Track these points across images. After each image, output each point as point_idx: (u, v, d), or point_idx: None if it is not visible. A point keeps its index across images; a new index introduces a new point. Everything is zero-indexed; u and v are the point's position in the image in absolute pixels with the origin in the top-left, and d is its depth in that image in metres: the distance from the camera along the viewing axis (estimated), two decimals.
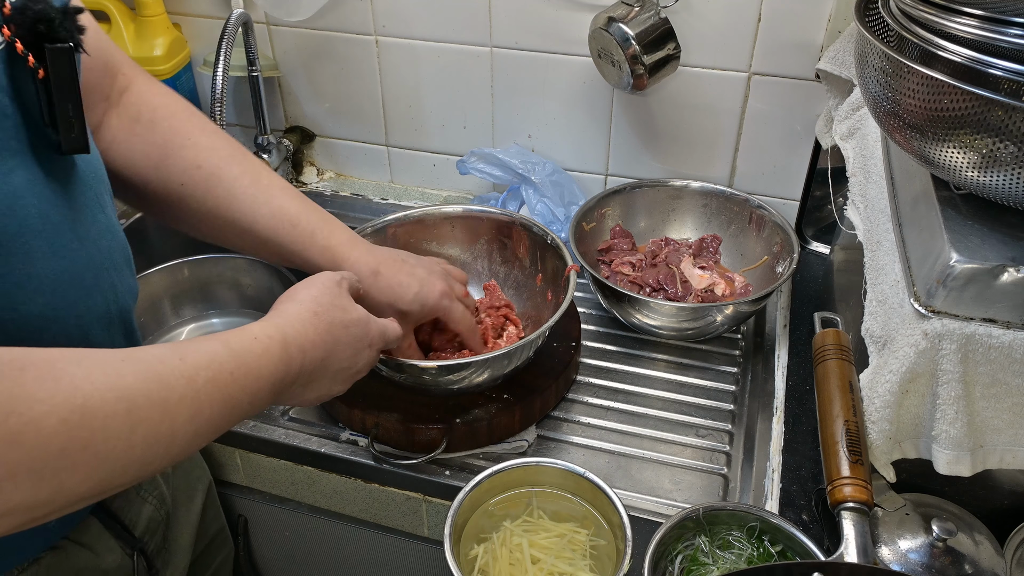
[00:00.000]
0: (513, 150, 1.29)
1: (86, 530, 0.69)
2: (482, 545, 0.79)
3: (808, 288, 1.18)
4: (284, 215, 0.79)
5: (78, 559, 0.68)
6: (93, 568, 0.69)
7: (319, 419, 0.98)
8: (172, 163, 0.75)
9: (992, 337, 0.66)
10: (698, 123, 1.21)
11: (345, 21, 1.27)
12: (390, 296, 0.83)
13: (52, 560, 0.66)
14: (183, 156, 0.75)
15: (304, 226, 0.80)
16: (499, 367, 0.89)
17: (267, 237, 0.79)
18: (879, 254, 0.80)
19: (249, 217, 0.78)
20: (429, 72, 1.29)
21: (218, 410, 0.55)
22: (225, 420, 0.57)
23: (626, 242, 1.18)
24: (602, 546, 0.79)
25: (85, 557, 0.68)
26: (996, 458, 0.72)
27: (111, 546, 0.71)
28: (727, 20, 1.10)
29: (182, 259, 1.17)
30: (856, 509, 0.72)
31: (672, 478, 0.91)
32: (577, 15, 1.15)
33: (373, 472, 0.93)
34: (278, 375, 0.62)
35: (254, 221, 0.78)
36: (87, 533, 0.69)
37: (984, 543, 0.74)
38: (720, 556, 0.75)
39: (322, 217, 0.82)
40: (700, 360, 1.07)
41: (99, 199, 0.63)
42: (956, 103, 0.61)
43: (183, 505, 0.86)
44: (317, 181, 1.45)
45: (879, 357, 0.75)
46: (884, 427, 0.74)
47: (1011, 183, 0.62)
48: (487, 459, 0.92)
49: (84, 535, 0.69)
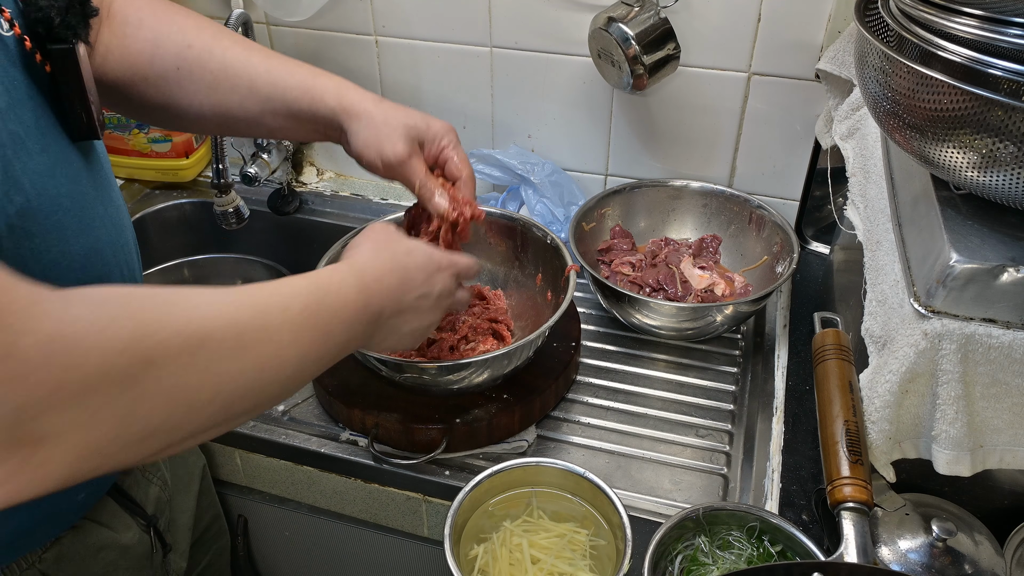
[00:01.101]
0: (512, 151, 1.29)
1: (102, 509, 0.72)
2: (482, 545, 0.79)
3: (808, 288, 1.18)
4: (281, 68, 0.80)
5: (99, 536, 0.71)
6: (113, 544, 0.72)
7: (319, 419, 0.98)
8: (164, 51, 0.76)
9: (992, 337, 0.66)
10: (698, 123, 1.21)
11: (345, 21, 1.27)
12: (398, 113, 0.82)
13: (73, 538, 0.69)
14: (173, 40, 0.76)
15: (303, 72, 0.81)
16: (499, 367, 0.89)
17: (269, 92, 0.79)
18: (879, 254, 0.80)
19: (246, 80, 0.78)
20: (429, 72, 1.29)
21: (315, 337, 0.57)
22: (324, 348, 0.59)
23: (626, 242, 1.19)
24: (602, 546, 0.79)
25: (105, 535, 0.72)
26: (996, 458, 0.72)
27: (127, 523, 0.74)
28: (727, 20, 1.10)
29: (182, 259, 1.17)
30: (856, 509, 0.72)
31: (672, 478, 0.91)
32: (577, 15, 1.15)
33: (373, 472, 0.93)
34: (360, 303, 0.64)
35: (252, 82, 0.78)
36: (104, 512, 0.72)
37: (984, 543, 0.74)
38: (720, 556, 0.75)
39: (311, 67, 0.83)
40: (700, 360, 1.07)
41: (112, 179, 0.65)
42: (956, 103, 0.61)
43: (181, 490, 0.88)
44: (317, 181, 1.45)
45: (879, 357, 0.75)
46: (884, 427, 0.74)
47: (1011, 183, 0.62)
48: (487, 459, 0.92)
49: (101, 514, 0.72)
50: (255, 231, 1.40)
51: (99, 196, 0.61)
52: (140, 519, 0.76)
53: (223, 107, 0.79)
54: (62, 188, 0.55)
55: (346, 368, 0.96)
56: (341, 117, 0.80)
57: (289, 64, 0.81)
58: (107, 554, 0.72)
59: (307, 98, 0.79)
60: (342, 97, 0.80)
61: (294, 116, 0.80)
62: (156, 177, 1.40)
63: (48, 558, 0.66)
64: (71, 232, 0.57)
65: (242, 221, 1.25)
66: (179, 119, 0.80)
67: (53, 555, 0.67)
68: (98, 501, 0.72)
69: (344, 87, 0.81)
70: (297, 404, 1.00)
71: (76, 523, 0.69)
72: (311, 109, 0.80)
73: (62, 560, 0.67)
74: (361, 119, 0.80)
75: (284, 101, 0.79)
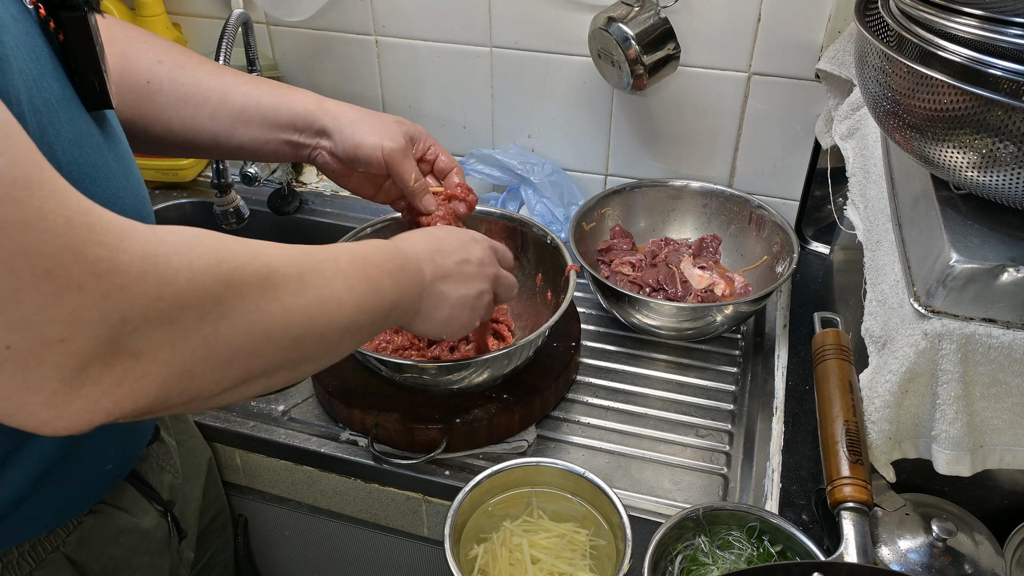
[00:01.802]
0: (512, 151, 1.29)
1: (121, 494, 0.73)
2: (482, 545, 0.79)
3: (808, 288, 1.18)
4: (255, 82, 0.82)
5: (119, 521, 0.72)
6: (133, 529, 0.73)
7: (319, 419, 0.98)
8: (135, 65, 0.76)
9: (992, 337, 0.66)
10: (698, 123, 1.21)
11: (345, 21, 1.27)
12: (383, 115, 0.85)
13: (94, 522, 0.70)
14: (144, 55, 0.77)
15: (278, 86, 0.82)
16: (499, 367, 0.89)
17: (242, 104, 0.80)
18: (879, 254, 0.80)
19: (219, 93, 0.79)
20: (429, 72, 1.29)
21: (367, 287, 0.61)
22: (378, 300, 0.62)
23: (626, 242, 1.19)
24: (602, 546, 0.79)
25: (125, 519, 0.73)
26: (996, 458, 0.72)
27: (146, 508, 0.76)
28: (727, 20, 1.10)
29: None
30: (856, 509, 0.72)
31: (672, 478, 0.91)
32: (577, 15, 1.15)
33: (373, 472, 0.93)
34: (399, 260, 0.67)
35: (225, 95, 0.79)
36: (123, 497, 0.73)
37: (984, 543, 0.74)
38: (720, 556, 0.75)
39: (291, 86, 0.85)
40: (700, 360, 1.07)
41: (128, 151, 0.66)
42: (956, 103, 0.61)
43: (190, 479, 0.89)
44: (317, 181, 1.45)
45: (879, 357, 0.75)
46: (884, 427, 0.74)
47: (1011, 183, 0.62)
48: (487, 459, 0.92)
49: (120, 499, 0.73)
50: (255, 231, 1.40)
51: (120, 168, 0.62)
52: (157, 504, 0.77)
53: (192, 121, 0.80)
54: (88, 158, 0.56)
55: (346, 368, 0.96)
56: (324, 119, 0.82)
57: (262, 80, 0.83)
58: (127, 538, 0.73)
59: (284, 104, 0.81)
60: (322, 102, 0.83)
61: (268, 124, 0.81)
62: (156, 177, 1.40)
63: (71, 542, 0.67)
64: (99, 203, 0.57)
65: (242, 221, 1.25)
66: (144, 134, 0.79)
67: (76, 539, 0.68)
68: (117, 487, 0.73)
69: (322, 98, 0.84)
70: (297, 404, 1.00)
71: (95, 507, 0.70)
72: (289, 114, 0.81)
73: (84, 544, 0.68)
74: (351, 117, 0.82)
75: (259, 110, 0.81)
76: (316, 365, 0.59)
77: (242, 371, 0.51)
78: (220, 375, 0.49)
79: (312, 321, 0.55)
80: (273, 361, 0.53)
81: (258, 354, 0.51)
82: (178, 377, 0.46)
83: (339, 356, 0.62)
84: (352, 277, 0.59)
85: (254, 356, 0.51)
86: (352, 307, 0.58)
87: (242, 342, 0.49)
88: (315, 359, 0.58)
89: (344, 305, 0.58)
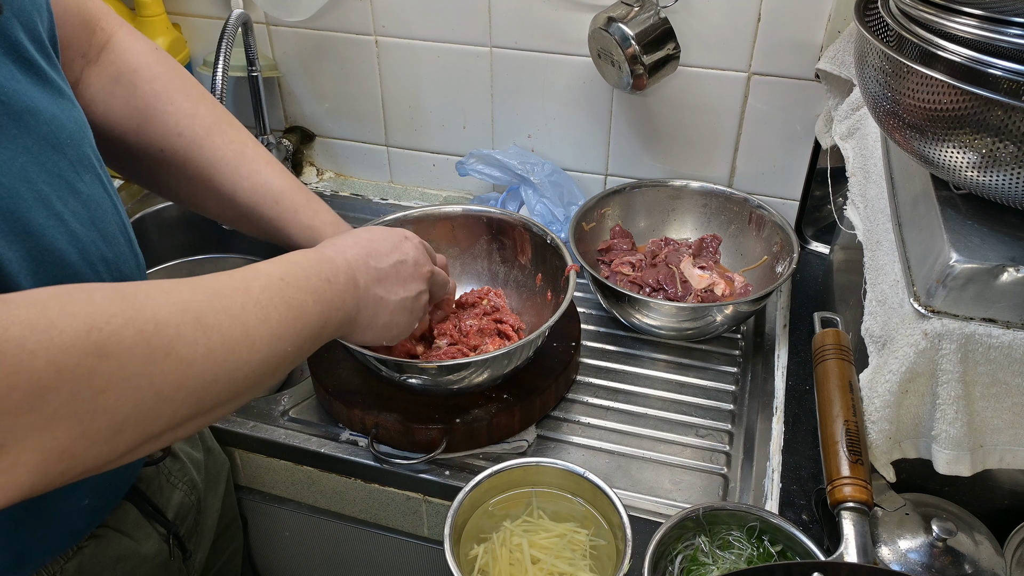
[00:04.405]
0: (512, 151, 1.29)
1: (124, 517, 0.70)
2: (482, 545, 0.79)
3: (808, 288, 1.18)
4: (267, 190, 0.78)
5: (119, 546, 0.69)
6: (133, 554, 0.71)
7: (319, 419, 0.98)
8: (152, 128, 0.73)
9: (992, 337, 0.66)
10: (698, 123, 1.21)
11: (345, 21, 1.27)
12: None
13: (95, 548, 0.67)
14: (164, 122, 0.73)
15: (287, 203, 0.79)
16: (499, 367, 0.88)
17: (248, 210, 0.78)
18: (879, 254, 0.80)
19: (230, 189, 0.77)
20: (429, 72, 1.29)
21: (286, 313, 0.56)
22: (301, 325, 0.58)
23: (626, 242, 1.19)
24: (602, 546, 0.79)
25: (126, 544, 0.70)
26: (996, 458, 0.72)
27: (148, 532, 0.73)
28: (727, 20, 1.10)
29: (182, 259, 1.17)
30: (856, 509, 0.72)
31: (672, 478, 0.91)
32: (577, 15, 1.15)
33: (373, 472, 0.93)
34: (326, 272, 0.63)
35: (235, 193, 0.77)
36: (125, 520, 0.70)
37: (984, 543, 0.74)
38: (720, 556, 0.75)
39: (307, 197, 0.80)
40: (700, 360, 1.07)
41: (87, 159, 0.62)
42: (956, 103, 0.61)
43: (212, 490, 0.88)
44: (317, 181, 1.45)
45: (879, 357, 0.75)
46: (884, 427, 0.74)
47: (1011, 183, 0.62)
48: (487, 459, 0.92)
49: (123, 522, 0.70)
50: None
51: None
52: (160, 527, 0.74)
53: (196, 199, 0.79)
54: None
55: (346, 368, 0.96)
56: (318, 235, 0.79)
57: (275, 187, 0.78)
58: (126, 564, 0.70)
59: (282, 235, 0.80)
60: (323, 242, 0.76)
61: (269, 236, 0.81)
62: None
63: (69, 568, 0.65)
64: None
65: None
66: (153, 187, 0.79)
67: (74, 566, 0.65)
68: (118, 508, 0.70)
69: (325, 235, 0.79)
70: (297, 404, 1.00)
71: (97, 531, 0.67)
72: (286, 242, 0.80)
73: (82, 572, 0.66)
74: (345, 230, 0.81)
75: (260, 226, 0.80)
76: (235, 404, 0.54)
77: (138, 435, 0.46)
78: (110, 446, 0.45)
79: (218, 367, 0.50)
80: (176, 417, 0.48)
81: (153, 417, 0.47)
82: (56, 459, 0.42)
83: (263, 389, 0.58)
84: (266, 306, 0.55)
85: (148, 420, 0.46)
86: (268, 339, 0.54)
87: (129, 409, 0.45)
88: (232, 400, 0.53)
89: (257, 340, 0.53)
